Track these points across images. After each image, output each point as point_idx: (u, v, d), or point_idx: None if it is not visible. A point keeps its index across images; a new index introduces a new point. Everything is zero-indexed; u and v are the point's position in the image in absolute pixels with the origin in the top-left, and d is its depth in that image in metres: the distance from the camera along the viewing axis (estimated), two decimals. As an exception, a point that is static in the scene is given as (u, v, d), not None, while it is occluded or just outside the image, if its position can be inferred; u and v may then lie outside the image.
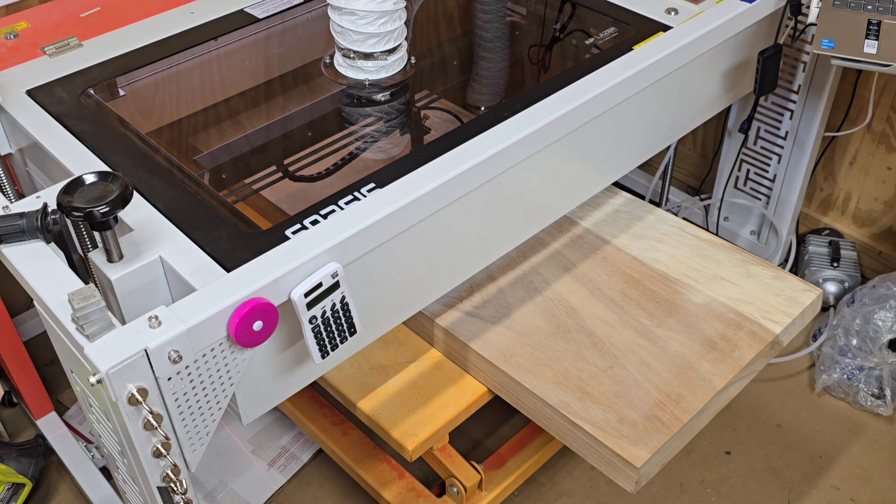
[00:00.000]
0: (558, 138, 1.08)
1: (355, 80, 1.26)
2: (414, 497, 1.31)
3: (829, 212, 1.83)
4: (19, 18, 1.29)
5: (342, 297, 0.89)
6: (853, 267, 1.73)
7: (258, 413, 0.94)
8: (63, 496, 1.47)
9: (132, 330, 0.76)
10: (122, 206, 0.80)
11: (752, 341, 1.16)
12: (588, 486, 1.47)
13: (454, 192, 0.99)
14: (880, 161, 1.69)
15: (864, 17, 1.25)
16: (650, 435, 1.05)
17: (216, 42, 1.29)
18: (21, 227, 0.86)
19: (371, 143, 1.24)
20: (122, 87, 1.21)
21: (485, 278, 1.27)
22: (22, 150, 1.15)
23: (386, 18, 1.19)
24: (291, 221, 0.94)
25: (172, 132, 1.25)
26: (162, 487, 0.85)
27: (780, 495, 1.46)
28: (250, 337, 0.81)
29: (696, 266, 1.27)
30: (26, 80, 1.16)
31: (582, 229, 1.34)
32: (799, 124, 1.60)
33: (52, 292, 0.82)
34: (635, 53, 1.17)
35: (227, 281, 0.83)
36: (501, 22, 1.45)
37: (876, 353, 1.55)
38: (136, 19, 1.30)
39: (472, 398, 1.18)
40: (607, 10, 1.32)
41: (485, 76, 1.43)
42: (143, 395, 0.76)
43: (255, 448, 1.52)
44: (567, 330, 1.19)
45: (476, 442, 1.53)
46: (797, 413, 1.58)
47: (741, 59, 1.37)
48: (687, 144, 1.97)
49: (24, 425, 1.58)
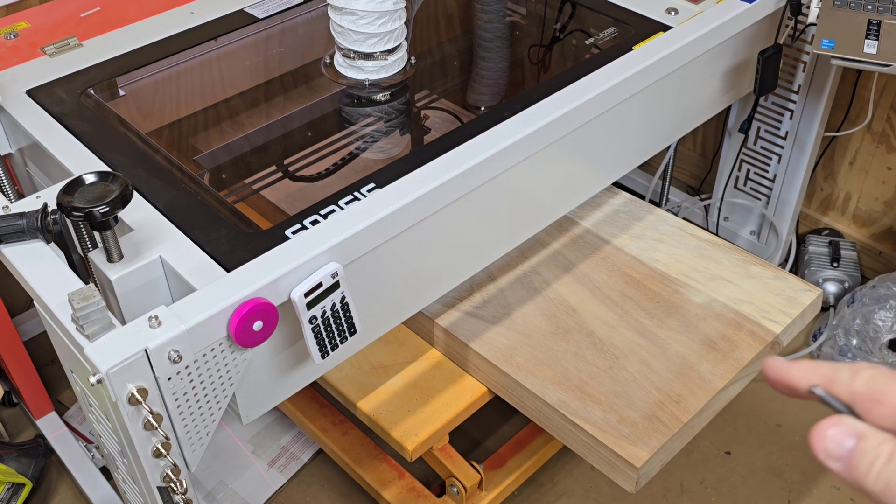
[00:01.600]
0: (558, 138, 1.08)
1: (355, 80, 1.26)
2: (414, 497, 1.31)
3: (829, 212, 1.83)
4: (19, 18, 1.29)
5: (342, 297, 0.89)
6: (853, 267, 1.73)
7: (258, 413, 0.94)
8: (63, 496, 1.47)
9: (132, 330, 0.76)
10: (122, 206, 0.80)
11: (752, 341, 1.16)
12: (588, 486, 1.47)
13: (454, 192, 0.99)
14: (880, 161, 1.69)
15: (864, 17, 1.25)
16: (650, 435, 1.05)
17: (216, 42, 1.29)
18: (21, 227, 0.86)
19: (371, 143, 1.24)
20: (122, 87, 1.21)
21: (485, 278, 1.27)
22: (22, 150, 1.15)
23: (386, 18, 1.19)
24: (291, 221, 0.94)
25: (172, 132, 1.25)
26: (162, 487, 0.85)
27: (781, 495, 1.46)
28: (250, 337, 0.81)
29: (696, 266, 1.27)
30: (26, 80, 1.16)
31: (582, 229, 1.34)
32: (799, 124, 1.60)
33: (52, 292, 0.82)
34: (635, 53, 1.17)
35: (227, 281, 0.83)
36: (501, 22, 1.45)
37: (876, 353, 1.55)
38: (136, 19, 1.30)
39: (472, 398, 1.18)
40: (607, 9, 1.32)
41: (485, 76, 1.43)
42: (143, 395, 0.76)
43: (255, 448, 1.52)
44: (567, 330, 1.19)
45: (476, 442, 1.53)
46: (797, 413, 1.58)
47: (741, 59, 1.37)
48: (687, 144, 1.97)
49: (24, 425, 1.58)
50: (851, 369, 0.40)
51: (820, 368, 0.41)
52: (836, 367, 0.40)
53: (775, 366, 0.42)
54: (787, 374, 0.42)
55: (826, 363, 0.41)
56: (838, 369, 0.40)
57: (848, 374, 0.39)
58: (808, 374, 0.41)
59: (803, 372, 0.41)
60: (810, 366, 0.41)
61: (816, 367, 0.41)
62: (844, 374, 0.40)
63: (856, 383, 0.39)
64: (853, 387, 0.39)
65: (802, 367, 0.41)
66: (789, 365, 0.42)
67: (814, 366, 0.41)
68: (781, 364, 0.42)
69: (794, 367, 0.42)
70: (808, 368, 0.41)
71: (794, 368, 0.42)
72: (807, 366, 0.41)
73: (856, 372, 0.39)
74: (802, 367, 0.42)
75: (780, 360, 0.43)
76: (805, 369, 0.41)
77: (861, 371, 0.39)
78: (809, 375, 0.41)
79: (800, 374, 0.41)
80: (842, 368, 0.40)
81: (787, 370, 0.42)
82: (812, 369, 0.41)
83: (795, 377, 0.41)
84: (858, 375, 0.39)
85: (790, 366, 0.42)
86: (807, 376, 0.41)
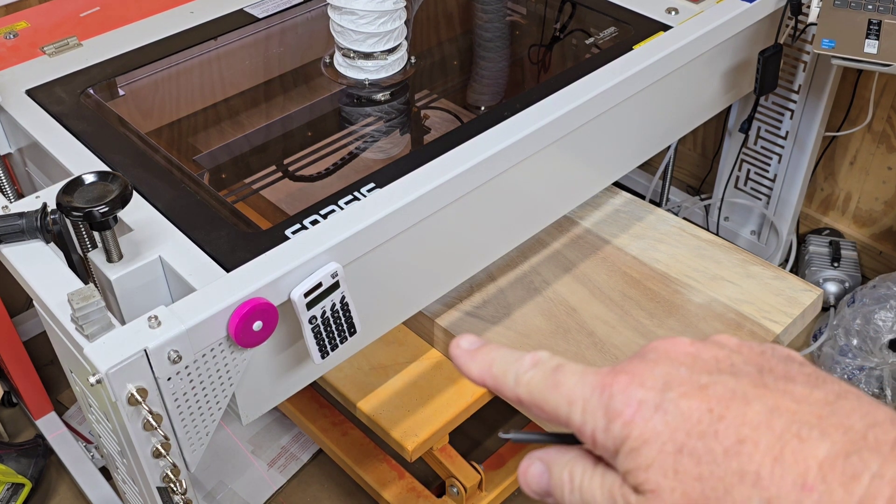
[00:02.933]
0: (558, 138, 1.08)
1: (355, 80, 1.26)
2: (414, 497, 1.31)
3: (829, 212, 1.83)
4: (19, 18, 1.29)
5: (342, 297, 0.89)
6: (853, 267, 1.73)
7: (258, 413, 0.94)
8: (63, 496, 1.47)
9: (132, 330, 0.76)
10: (121, 205, 0.80)
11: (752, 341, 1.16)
12: (588, 486, 1.47)
13: (454, 192, 0.98)
14: (881, 161, 1.69)
15: (865, 16, 1.25)
16: (650, 435, 1.05)
17: (216, 42, 1.29)
18: (20, 226, 0.86)
19: (371, 142, 1.24)
20: (122, 86, 1.21)
21: (485, 278, 1.27)
22: (21, 150, 1.15)
23: (386, 18, 1.19)
24: (291, 221, 0.94)
25: (172, 132, 1.25)
26: (161, 488, 0.85)
27: (781, 495, 1.46)
28: (250, 337, 0.81)
29: (696, 266, 1.27)
30: (26, 80, 1.16)
31: (582, 229, 1.34)
32: (799, 124, 1.60)
33: (52, 292, 0.82)
34: (635, 53, 1.17)
35: (226, 281, 0.82)
36: (501, 22, 1.45)
37: (876, 353, 1.55)
38: (136, 19, 1.30)
39: (472, 398, 1.18)
40: (607, 9, 1.32)
41: (485, 76, 1.43)
42: (142, 396, 0.76)
43: (254, 448, 1.52)
44: (567, 330, 1.19)
45: (476, 442, 1.53)
46: (797, 413, 1.58)
47: (741, 59, 1.37)
48: (687, 144, 1.97)
49: (24, 425, 1.58)
50: (515, 374, 0.39)
51: (493, 368, 0.40)
52: (504, 367, 0.39)
53: (457, 354, 0.41)
54: (466, 367, 0.41)
55: (499, 358, 0.40)
56: (506, 372, 0.39)
57: (512, 380, 0.39)
58: (483, 374, 0.40)
59: (478, 370, 0.40)
60: (485, 364, 0.40)
61: (490, 367, 0.40)
62: (510, 379, 0.39)
63: (519, 391, 0.38)
64: (518, 394, 0.38)
65: (479, 363, 0.40)
66: (468, 357, 0.41)
67: (488, 363, 0.40)
68: (463, 354, 0.41)
69: (472, 361, 0.41)
70: (483, 367, 0.40)
71: (471, 363, 0.40)
72: (482, 362, 0.40)
73: (518, 378, 0.38)
74: (479, 362, 0.40)
75: (464, 346, 0.41)
76: (480, 367, 0.40)
77: (522, 376, 0.38)
78: (483, 375, 0.40)
79: (476, 371, 0.40)
80: (509, 370, 0.39)
81: (465, 363, 0.41)
82: (486, 368, 0.40)
83: (472, 374, 0.40)
84: (520, 382, 0.38)
85: (469, 359, 0.41)
86: (482, 375, 0.40)
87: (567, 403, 0.36)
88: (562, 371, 0.37)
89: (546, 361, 0.38)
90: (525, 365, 0.39)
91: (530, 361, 0.39)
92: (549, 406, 0.37)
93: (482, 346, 0.41)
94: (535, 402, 0.38)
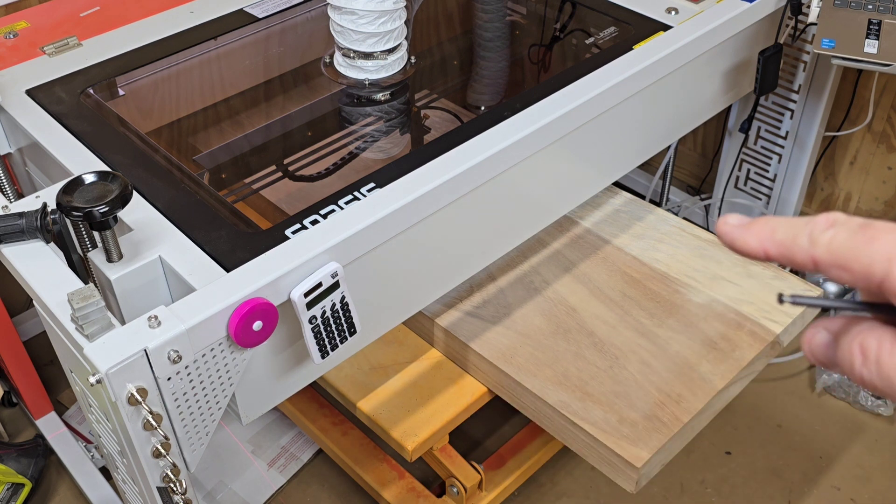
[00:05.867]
0: (558, 138, 1.08)
1: (355, 80, 1.25)
2: (414, 497, 1.31)
3: (829, 211, 1.83)
4: (19, 18, 1.29)
5: (342, 297, 0.89)
6: (853, 267, 1.73)
7: (258, 413, 0.94)
8: (63, 496, 1.47)
9: (132, 330, 0.76)
10: (121, 205, 0.80)
11: (752, 341, 1.16)
12: (588, 486, 1.47)
13: (454, 191, 0.98)
14: (881, 161, 1.69)
15: (865, 16, 1.25)
16: (650, 435, 1.05)
17: (216, 42, 1.29)
18: (20, 226, 0.86)
19: (371, 142, 1.24)
20: (122, 86, 1.21)
21: (485, 278, 1.27)
22: (21, 150, 1.15)
23: (386, 18, 1.19)
24: (291, 221, 0.94)
25: (172, 132, 1.25)
26: (161, 487, 0.85)
27: (781, 495, 1.46)
28: (250, 337, 0.81)
29: (696, 266, 1.27)
30: (26, 80, 1.16)
31: (582, 229, 1.34)
32: (799, 124, 1.60)
33: (52, 292, 0.82)
34: (635, 53, 1.17)
35: (226, 281, 0.82)
36: (501, 21, 1.45)
37: (876, 353, 1.55)
38: (136, 19, 1.30)
39: (472, 398, 1.18)
40: (607, 9, 1.32)
41: (485, 76, 1.42)
42: (142, 395, 0.76)
43: (254, 448, 1.52)
44: (567, 330, 1.19)
45: (476, 442, 1.53)
46: (797, 413, 1.58)
47: (741, 59, 1.37)
48: (687, 144, 1.97)
49: (24, 425, 1.58)
50: (809, 234, 0.37)
51: (776, 234, 0.38)
52: (793, 231, 0.37)
53: (728, 230, 0.39)
54: (741, 240, 0.39)
55: (782, 224, 0.38)
56: (796, 235, 0.37)
57: (806, 241, 0.37)
58: (764, 242, 0.38)
59: (758, 240, 0.38)
60: (765, 232, 0.38)
61: (772, 234, 0.38)
62: (802, 240, 0.37)
63: (817, 252, 0.36)
64: (814, 256, 0.36)
65: (757, 234, 0.39)
66: (743, 231, 0.39)
67: (769, 231, 0.38)
68: (734, 229, 0.39)
69: (748, 233, 0.39)
70: (763, 236, 0.38)
71: (748, 235, 0.39)
72: (761, 232, 0.38)
73: (815, 238, 0.36)
74: (757, 232, 0.39)
75: (733, 223, 0.40)
76: (759, 237, 0.38)
77: (820, 236, 0.36)
78: (765, 243, 0.38)
79: (754, 242, 0.39)
80: (799, 233, 0.37)
81: (740, 236, 0.39)
82: (767, 236, 0.38)
83: (749, 245, 0.39)
84: (818, 242, 0.36)
85: (744, 232, 0.39)
86: (762, 244, 0.38)
87: (886, 259, 0.34)
88: (873, 227, 0.35)
89: (847, 220, 0.36)
90: (820, 225, 0.37)
91: (825, 221, 0.37)
92: (859, 264, 0.35)
93: (757, 219, 0.39)
94: (838, 261, 0.35)
